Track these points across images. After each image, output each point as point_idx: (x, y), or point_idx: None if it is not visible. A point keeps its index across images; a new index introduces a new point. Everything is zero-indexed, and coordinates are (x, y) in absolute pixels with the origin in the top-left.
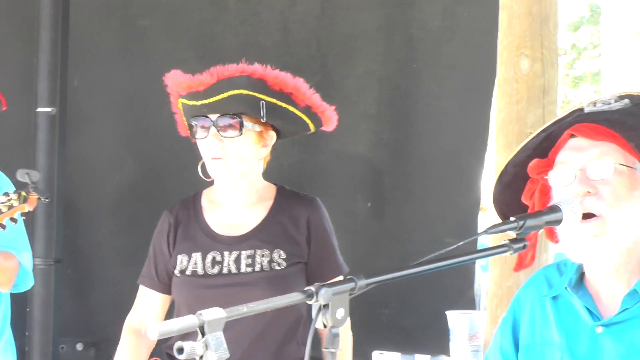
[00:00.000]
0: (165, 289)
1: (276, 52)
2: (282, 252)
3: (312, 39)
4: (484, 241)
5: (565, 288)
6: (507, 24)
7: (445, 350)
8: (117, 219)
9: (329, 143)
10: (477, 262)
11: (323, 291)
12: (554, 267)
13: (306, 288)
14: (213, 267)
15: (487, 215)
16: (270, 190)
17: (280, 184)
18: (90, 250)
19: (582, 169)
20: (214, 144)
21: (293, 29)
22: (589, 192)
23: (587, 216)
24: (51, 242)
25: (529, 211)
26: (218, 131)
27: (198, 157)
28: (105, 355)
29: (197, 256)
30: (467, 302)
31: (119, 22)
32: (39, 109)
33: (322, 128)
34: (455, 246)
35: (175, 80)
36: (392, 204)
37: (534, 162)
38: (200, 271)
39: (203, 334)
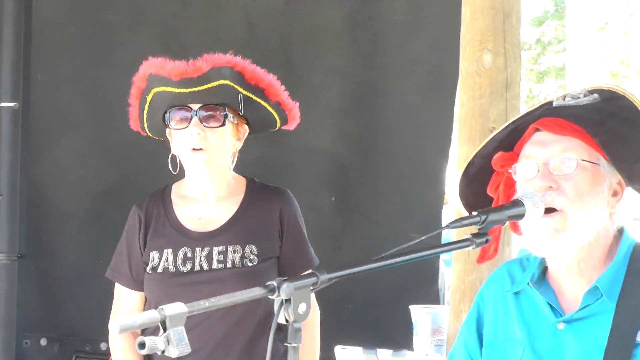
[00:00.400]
0: (142, 286)
1: (240, 47)
2: (254, 248)
3: (275, 34)
4: (449, 235)
5: (528, 284)
6: (470, 18)
7: (409, 345)
8: (82, 214)
9: (293, 138)
10: (442, 256)
11: (285, 286)
12: (517, 262)
13: (268, 283)
14: (185, 263)
15: (451, 208)
16: (241, 183)
17: (249, 177)
18: (54, 245)
19: (545, 164)
20: (195, 134)
21: (256, 24)
22: (550, 187)
23: (548, 211)
24: (14, 237)
25: (493, 203)
26: (201, 121)
27: (163, 151)
28: (69, 349)
29: (168, 252)
30: (432, 296)
31: (82, 16)
32: (1, 104)
33: (285, 126)
34: (418, 240)
35: (166, 66)
36: (357, 199)
37: (498, 155)
38: (171, 268)
39: (165, 329)
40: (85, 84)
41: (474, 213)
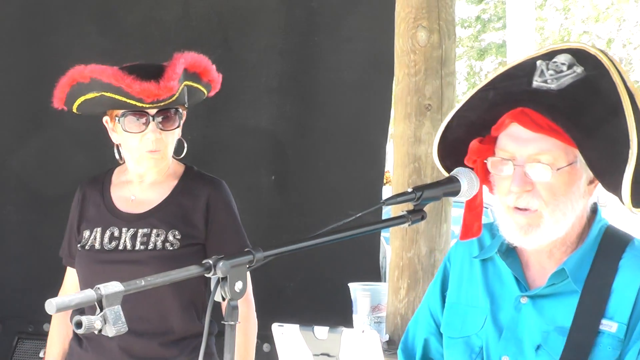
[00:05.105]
0: None
1: (177, 26)
2: (177, 233)
3: (212, 13)
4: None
5: (496, 253)
6: None
7: (349, 323)
8: (22, 195)
9: (231, 117)
10: (384, 234)
11: (221, 264)
12: (487, 227)
13: (204, 261)
14: (110, 242)
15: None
16: (178, 169)
17: (189, 164)
18: None
19: (520, 166)
20: (153, 137)
21: (193, 3)
22: (526, 190)
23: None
24: None
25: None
26: (157, 125)
27: (99, 132)
28: (11, 331)
29: (97, 231)
30: (373, 273)
31: None
32: None
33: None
34: (354, 217)
35: (134, 86)
36: (296, 177)
37: (475, 146)
38: (97, 246)
39: (101, 308)
40: (23, 65)
41: (409, 190)
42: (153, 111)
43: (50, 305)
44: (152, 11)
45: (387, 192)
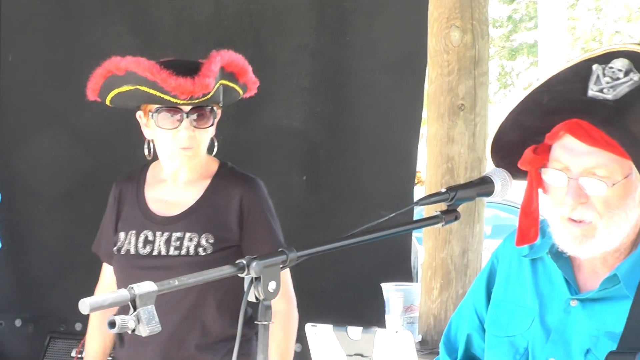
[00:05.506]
0: None
1: (209, 26)
2: (210, 237)
3: (244, 12)
4: (422, 214)
5: (547, 253)
6: None
7: (381, 323)
8: (54, 195)
9: (263, 116)
10: (415, 234)
11: (254, 264)
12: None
13: (237, 261)
14: (145, 247)
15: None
16: (212, 166)
17: (223, 161)
18: (26, 226)
19: (575, 179)
20: (187, 135)
21: (225, 3)
22: (581, 202)
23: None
24: None
25: (527, 178)
26: (192, 123)
27: (133, 131)
28: (43, 330)
29: (131, 234)
30: (405, 274)
31: None
32: None
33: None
34: (387, 217)
35: (170, 81)
36: (328, 177)
37: (529, 156)
38: (132, 250)
39: (135, 308)
40: (56, 64)
41: (443, 190)
42: (187, 108)
43: (84, 304)
44: (183, 11)
45: (418, 192)
